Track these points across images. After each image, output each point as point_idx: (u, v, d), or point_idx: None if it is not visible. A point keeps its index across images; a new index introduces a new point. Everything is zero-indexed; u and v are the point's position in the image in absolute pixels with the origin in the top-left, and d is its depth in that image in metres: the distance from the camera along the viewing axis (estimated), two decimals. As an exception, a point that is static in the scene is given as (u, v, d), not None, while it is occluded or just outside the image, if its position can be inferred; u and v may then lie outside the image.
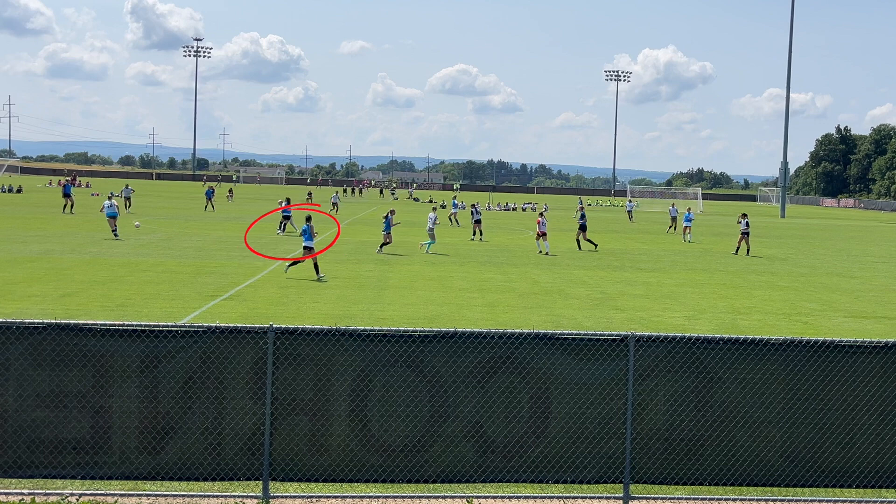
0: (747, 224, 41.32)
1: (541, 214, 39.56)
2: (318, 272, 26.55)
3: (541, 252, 37.97)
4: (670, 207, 59.90)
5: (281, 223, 44.98)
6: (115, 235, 38.06)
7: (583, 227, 41.50)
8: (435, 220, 38.67)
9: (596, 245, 41.37)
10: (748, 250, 41.37)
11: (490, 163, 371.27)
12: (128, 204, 60.13)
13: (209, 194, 66.65)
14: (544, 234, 38.27)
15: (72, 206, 55.82)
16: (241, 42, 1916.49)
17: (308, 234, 27.18)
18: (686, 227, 49.36)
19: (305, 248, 27.13)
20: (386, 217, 36.50)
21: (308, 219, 28.09)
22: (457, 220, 57.83)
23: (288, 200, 46.96)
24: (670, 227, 57.53)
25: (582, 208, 51.38)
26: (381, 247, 36.18)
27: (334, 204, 69.43)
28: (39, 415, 9.40)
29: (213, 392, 9.53)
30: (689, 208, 53.16)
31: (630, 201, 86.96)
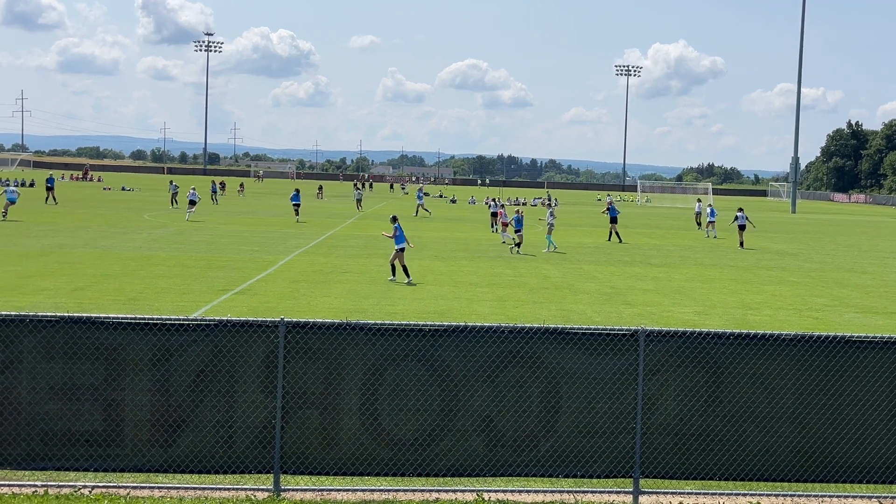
0: (745, 217, 42.67)
1: (501, 206, 42.02)
2: (408, 274, 25.31)
3: (504, 242, 39.06)
4: (697, 203, 59.17)
5: (296, 210, 50.92)
6: (4, 217, 41.98)
7: (614, 220, 44.02)
8: (552, 214, 38.76)
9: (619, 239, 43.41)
10: (741, 243, 42.15)
11: (500, 158, 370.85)
12: (174, 202, 60.33)
13: (214, 189, 68.59)
14: (506, 225, 39.97)
15: (54, 198, 57.94)
16: (251, 37, 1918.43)
17: (401, 235, 25.76)
18: (711, 222, 49.47)
19: (399, 249, 25.49)
20: (518, 214, 36.16)
21: (394, 219, 26.66)
22: (426, 209, 60.85)
23: (297, 191, 53.28)
24: (700, 223, 56.54)
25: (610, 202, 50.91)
26: (516, 245, 35.60)
27: (358, 201, 66.65)
28: (52, 407, 9.46)
29: (224, 385, 9.57)
30: (710, 205, 53.61)
31: (609, 195, 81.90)
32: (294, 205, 51.45)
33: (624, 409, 9.84)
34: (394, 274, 25.45)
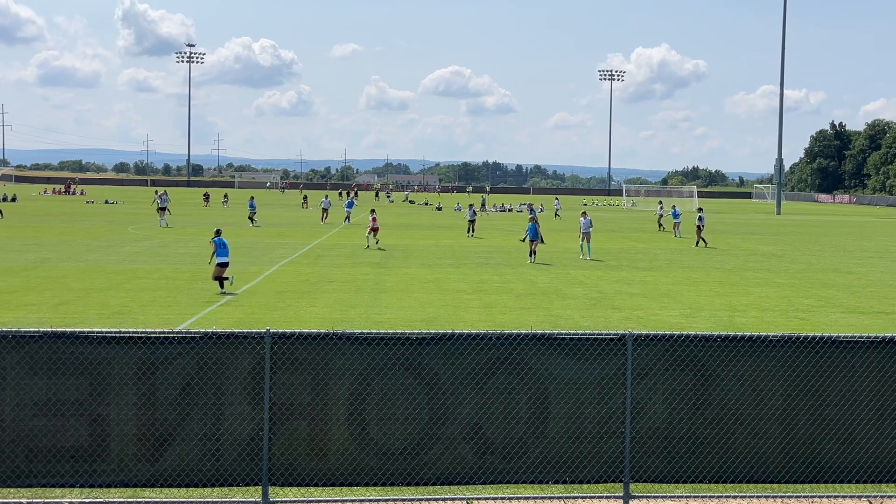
0: (700, 219, 44.78)
1: (372, 211, 43.03)
2: (222, 286, 24.24)
3: (368, 247, 39.24)
4: (659, 206, 61.26)
5: (251, 217, 54.76)
6: None
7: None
8: (590, 223, 37.62)
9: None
10: (698, 242, 44.15)
11: (485, 164, 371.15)
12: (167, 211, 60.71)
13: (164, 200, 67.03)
14: (376, 230, 40.35)
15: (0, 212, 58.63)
16: (233, 47, 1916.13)
17: (225, 248, 24.58)
18: (676, 223, 51.19)
19: (221, 264, 24.29)
20: (532, 223, 35.42)
21: (217, 232, 25.35)
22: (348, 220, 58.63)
23: (252, 197, 58.50)
24: (662, 224, 58.00)
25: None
26: (531, 255, 34.76)
27: (324, 210, 60.90)
28: (37, 423, 9.37)
29: (210, 398, 9.51)
30: (674, 206, 55.30)
31: (556, 199, 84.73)
32: (251, 211, 55.25)
33: (613, 414, 9.83)
34: (231, 282, 24.49)
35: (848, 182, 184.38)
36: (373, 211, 43.46)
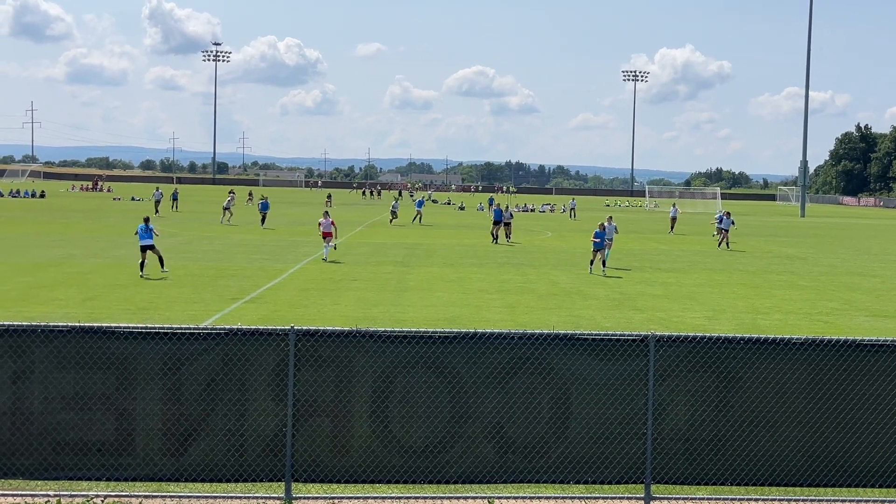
0: (732, 222, 45.27)
1: (325, 213, 35.31)
2: (162, 265, 27.28)
3: (325, 258, 33.00)
4: (672, 208, 60.17)
5: (262, 218, 52.15)
6: None
7: (497, 223, 45.23)
8: (615, 229, 34.92)
9: (508, 238, 45.27)
10: (721, 243, 44.07)
11: (508, 164, 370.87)
12: (158, 210, 61.04)
13: (175, 196, 68.06)
14: (327, 235, 33.82)
15: None
16: (258, 46, 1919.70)
17: (150, 233, 27.28)
18: (719, 228, 50.04)
19: (144, 247, 27.04)
20: (604, 227, 32.05)
21: (146, 220, 28.08)
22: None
23: (264, 197, 55.84)
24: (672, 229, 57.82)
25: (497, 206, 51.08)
26: (602, 263, 31.34)
27: (393, 212, 59.54)
28: (64, 417, 9.50)
29: (235, 394, 9.60)
30: (727, 212, 53.58)
31: (573, 199, 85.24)
32: (262, 213, 52.71)
33: (635, 415, 9.83)
34: (141, 266, 26.70)
35: (873, 185, 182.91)
36: (326, 213, 35.32)
